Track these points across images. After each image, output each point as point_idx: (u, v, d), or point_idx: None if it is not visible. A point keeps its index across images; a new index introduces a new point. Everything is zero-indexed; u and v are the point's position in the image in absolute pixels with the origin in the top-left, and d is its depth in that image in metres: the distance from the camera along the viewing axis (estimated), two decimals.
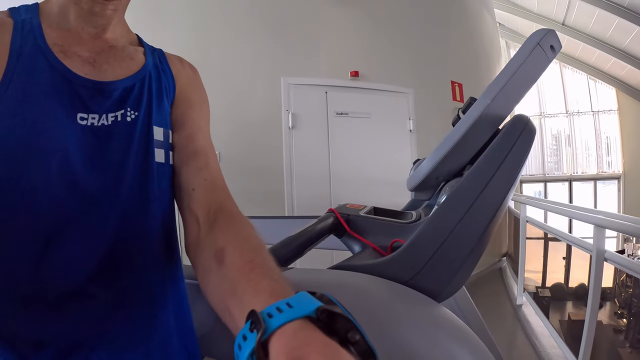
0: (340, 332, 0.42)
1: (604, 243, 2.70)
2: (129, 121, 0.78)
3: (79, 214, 0.71)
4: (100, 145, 0.74)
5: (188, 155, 0.84)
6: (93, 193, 0.73)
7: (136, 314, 0.76)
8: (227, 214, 0.77)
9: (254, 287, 0.54)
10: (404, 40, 5.27)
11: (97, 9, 0.75)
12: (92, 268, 0.72)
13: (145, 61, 0.85)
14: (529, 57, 0.92)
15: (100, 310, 0.72)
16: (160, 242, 0.82)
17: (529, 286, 4.78)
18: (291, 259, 1.05)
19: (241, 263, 0.61)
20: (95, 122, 0.74)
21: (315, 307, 0.43)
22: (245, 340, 0.42)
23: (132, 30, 0.89)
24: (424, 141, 5.10)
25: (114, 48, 0.82)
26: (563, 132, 13.08)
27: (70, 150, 0.70)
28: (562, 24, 11.12)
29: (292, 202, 4.46)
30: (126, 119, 0.77)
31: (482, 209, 0.81)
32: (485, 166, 0.84)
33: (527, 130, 0.87)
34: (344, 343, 0.40)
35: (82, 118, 0.73)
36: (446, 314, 0.76)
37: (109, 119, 0.75)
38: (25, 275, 0.67)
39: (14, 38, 0.71)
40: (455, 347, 0.70)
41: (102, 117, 0.75)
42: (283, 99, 4.48)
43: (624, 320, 2.80)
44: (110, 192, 0.74)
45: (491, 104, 0.98)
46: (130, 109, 0.78)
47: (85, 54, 0.77)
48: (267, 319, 0.42)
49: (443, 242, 0.81)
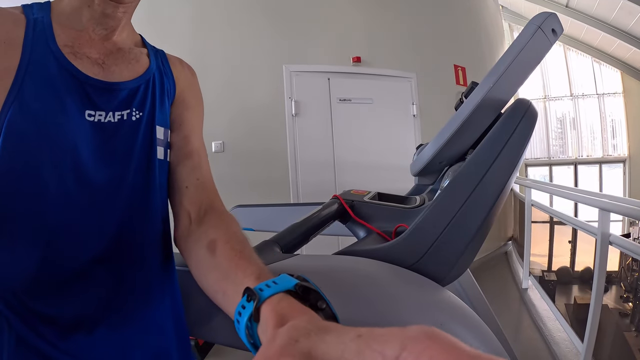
0: (312, 301, 0.55)
1: (608, 226, 2.70)
2: (134, 120, 0.84)
3: (87, 202, 0.77)
4: (107, 140, 0.80)
5: (183, 155, 0.93)
6: (100, 184, 0.79)
7: (135, 294, 0.84)
8: (216, 211, 0.87)
9: (244, 272, 0.65)
10: (406, 25, 5.24)
11: (109, 11, 0.80)
12: (97, 252, 0.78)
13: (150, 63, 0.91)
14: (530, 41, 0.92)
15: (103, 290, 0.79)
16: (159, 232, 0.90)
17: (534, 270, 4.78)
18: (297, 245, 1.06)
19: (232, 253, 0.71)
20: (102, 119, 0.79)
21: (294, 283, 0.56)
22: (244, 308, 0.55)
23: (134, 19, 0.91)
24: (427, 126, 5.09)
25: (122, 50, 0.87)
26: (568, 115, 13.00)
27: (79, 144, 0.76)
28: (566, 6, 11.01)
29: (297, 189, 4.47)
30: (131, 118, 0.84)
31: (484, 192, 0.81)
32: (487, 150, 0.84)
33: (528, 114, 0.87)
34: (315, 309, 0.54)
35: (90, 115, 0.78)
36: (451, 297, 0.77)
37: (116, 117, 0.81)
38: (37, 257, 0.73)
39: (26, 36, 0.75)
40: (460, 330, 0.71)
41: (108, 115, 0.80)
42: (285, 87, 4.47)
43: (629, 304, 2.80)
44: (116, 184, 0.81)
45: (493, 88, 0.98)
46: (135, 109, 0.84)
47: (95, 55, 0.81)
48: (260, 292, 0.55)
49: (447, 225, 0.81)
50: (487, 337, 0.72)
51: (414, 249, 0.83)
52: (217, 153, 4.27)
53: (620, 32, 10.70)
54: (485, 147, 0.85)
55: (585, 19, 10.97)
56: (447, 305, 0.75)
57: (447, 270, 0.82)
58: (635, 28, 10.22)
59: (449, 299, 0.76)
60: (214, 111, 4.32)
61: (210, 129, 4.29)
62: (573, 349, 3.21)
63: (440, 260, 0.82)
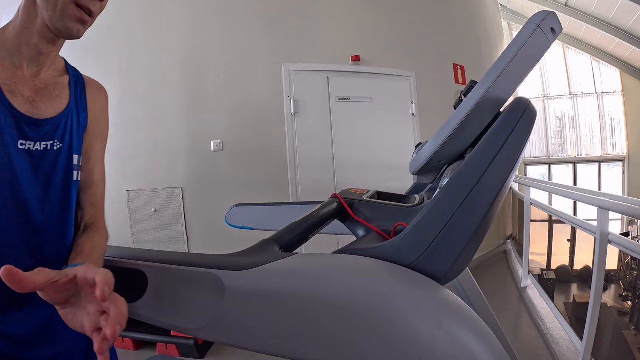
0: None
1: (607, 225, 2.71)
2: (56, 150, 1.07)
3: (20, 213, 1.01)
4: (36, 164, 1.03)
5: (86, 186, 1.19)
6: (28, 200, 1.02)
7: None
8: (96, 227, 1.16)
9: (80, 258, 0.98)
10: (405, 24, 5.23)
11: (45, 50, 1.02)
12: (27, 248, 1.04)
13: (69, 99, 1.13)
14: (529, 40, 0.92)
15: None
16: (72, 232, 1.16)
17: (533, 268, 4.79)
18: (296, 244, 1.06)
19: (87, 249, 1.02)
20: (31, 147, 1.02)
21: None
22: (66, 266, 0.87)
23: (134, 18, 0.95)
24: (426, 125, 5.08)
25: (48, 87, 1.08)
26: (567, 114, 13.03)
27: (15, 166, 0.98)
28: (565, 5, 11.03)
29: (296, 188, 4.48)
30: (54, 148, 1.06)
31: (483, 191, 0.81)
32: (486, 149, 0.84)
33: (527, 113, 0.87)
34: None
35: (22, 144, 1.00)
36: (450, 296, 0.77)
37: (42, 146, 1.04)
38: None
39: None
40: (459, 329, 0.71)
41: (36, 144, 1.03)
42: (284, 86, 4.47)
43: (628, 302, 2.80)
44: (41, 200, 1.05)
45: (492, 87, 0.98)
46: (57, 140, 1.07)
47: (27, 93, 1.02)
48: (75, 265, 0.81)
49: (445, 224, 0.81)
50: (486, 335, 0.72)
51: (413, 247, 0.83)
52: (216, 152, 4.27)
53: (619, 31, 10.72)
54: (484, 146, 0.85)
55: (584, 18, 10.99)
56: (446, 304, 0.75)
57: (446, 269, 0.82)
58: (634, 27, 10.24)
59: (448, 298, 0.76)
60: (213, 110, 4.32)
61: (209, 127, 4.31)
62: (572, 348, 3.22)
63: (440, 258, 0.82)
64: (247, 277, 0.82)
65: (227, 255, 0.90)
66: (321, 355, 0.74)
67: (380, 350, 0.70)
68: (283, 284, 0.79)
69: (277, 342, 0.78)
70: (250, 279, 0.82)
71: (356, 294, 0.74)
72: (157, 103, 4.27)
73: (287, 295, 0.78)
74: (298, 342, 0.76)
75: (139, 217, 4.21)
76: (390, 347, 0.69)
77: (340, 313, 0.73)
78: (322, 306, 0.74)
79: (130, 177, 4.22)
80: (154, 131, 4.28)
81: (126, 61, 4.23)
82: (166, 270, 0.93)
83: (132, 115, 4.18)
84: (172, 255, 0.99)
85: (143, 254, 0.98)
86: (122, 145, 4.13)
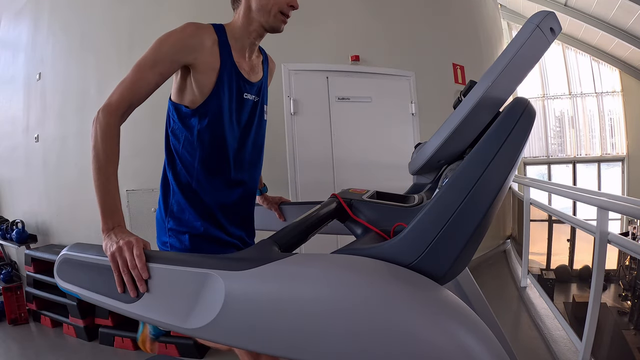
0: None
1: (607, 225, 2.70)
2: (256, 101, 1.69)
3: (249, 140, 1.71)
4: (252, 108, 1.68)
5: None
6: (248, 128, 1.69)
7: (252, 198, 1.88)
8: None
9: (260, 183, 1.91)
10: (404, 24, 5.23)
11: (257, 41, 1.64)
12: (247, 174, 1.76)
13: (263, 73, 1.73)
14: (529, 39, 0.92)
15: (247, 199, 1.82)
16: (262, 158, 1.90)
17: (533, 268, 4.78)
18: (296, 244, 1.06)
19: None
20: (249, 98, 1.64)
21: None
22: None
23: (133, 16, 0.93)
24: (426, 124, 5.07)
25: (255, 65, 1.68)
26: (566, 114, 13.03)
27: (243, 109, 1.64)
28: (565, 5, 11.03)
29: (296, 187, 4.47)
30: (255, 100, 1.68)
31: (483, 191, 0.81)
32: (486, 149, 0.84)
33: (526, 112, 0.87)
34: None
35: (246, 95, 1.63)
36: (449, 296, 0.77)
37: (252, 97, 1.66)
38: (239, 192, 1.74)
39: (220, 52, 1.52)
40: (458, 329, 0.71)
41: (251, 96, 1.65)
42: (284, 85, 4.46)
43: (628, 302, 2.80)
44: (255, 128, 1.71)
45: (491, 87, 0.98)
46: (256, 96, 1.68)
47: (246, 68, 1.62)
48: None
49: (445, 224, 0.81)
50: (485, 335, 0.72)
51: (412, 247, 0.83)
52: None
53: (618, 31, 10.72)
54: (484, 146, 0.85)
55: (583, 18, 10.99)
56: (446, 304, 0.75)
57: (445, 269, 0.82)
58: (634, 27, 10.24)
59: (448, 298, 0.76)
60: None
61: None
62: (572, 348, 3.22)
63: (439, 259, 0.82)
64: (246, 277, 0.82)
65: (227, 256, 0.90)
66: (320, 355, 0.74)
67: (380, 350, 0.70)
68: (282, 284, 0.80)
69: (276, 342, 0.78)
70: (249, 279, 0.82)
71: (355, 294, 0.74)
72: (157, 103, 4.25)
73: (286, 295, 0.78)
74: (297, 342, 0.76)
75: (139, 217, 4.20)
76: (389, 347, 0.69)
77: (340, 313, 0.73)
78: (322, 306, 0.74)
79: (129, 177, 4.21)
80: (153, 131, 4.27)
81: (125, 59, 4.21)
82: (166, 271, 0.93)
83: (131, 115, 4.16)
84: (172, 255, 0.99)
85: None
86: (122, 145, 4.09)
